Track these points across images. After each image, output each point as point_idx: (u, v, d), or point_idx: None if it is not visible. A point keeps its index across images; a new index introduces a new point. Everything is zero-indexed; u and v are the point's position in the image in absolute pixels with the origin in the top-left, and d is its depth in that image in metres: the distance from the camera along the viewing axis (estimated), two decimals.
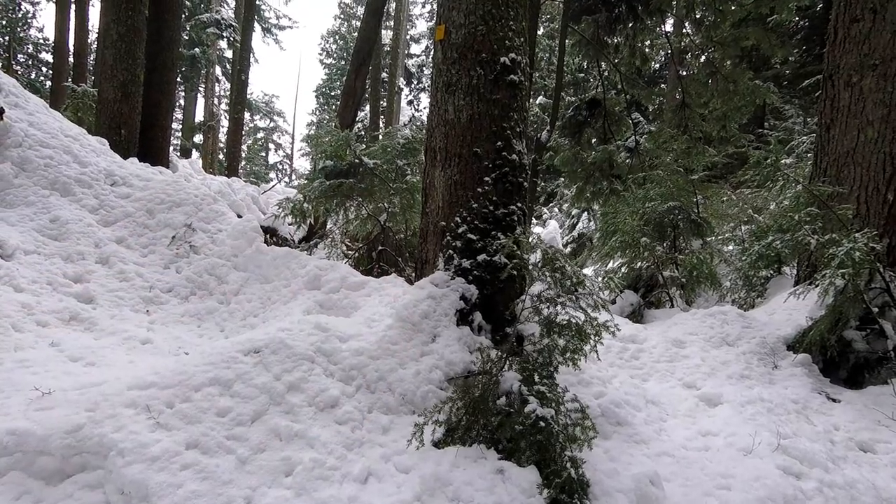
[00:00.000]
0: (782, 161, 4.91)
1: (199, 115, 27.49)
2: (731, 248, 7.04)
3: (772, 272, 5.57)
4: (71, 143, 5.72)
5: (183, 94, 26.04)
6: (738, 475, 2.53)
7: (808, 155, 7.23)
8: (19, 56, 26.66)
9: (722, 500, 2.39)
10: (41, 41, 26.95)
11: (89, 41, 18.63)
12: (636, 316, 5.70)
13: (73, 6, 17.62)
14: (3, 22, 25.73)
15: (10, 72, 19.87)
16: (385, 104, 23.70)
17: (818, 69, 8.54)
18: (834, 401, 3.33)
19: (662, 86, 16.33)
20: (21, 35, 26.35)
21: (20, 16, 26.12)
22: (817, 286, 3.50)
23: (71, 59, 18.10)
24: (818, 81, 4.95)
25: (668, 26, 11.29)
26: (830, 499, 2.40)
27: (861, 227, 3.64)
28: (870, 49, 4.20)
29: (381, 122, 21.47)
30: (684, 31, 10.98)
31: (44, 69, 26.73)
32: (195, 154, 27.12)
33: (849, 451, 2.82)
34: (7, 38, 25.42)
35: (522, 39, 3.68)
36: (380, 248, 5.92)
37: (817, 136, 4.74)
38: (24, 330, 3.50)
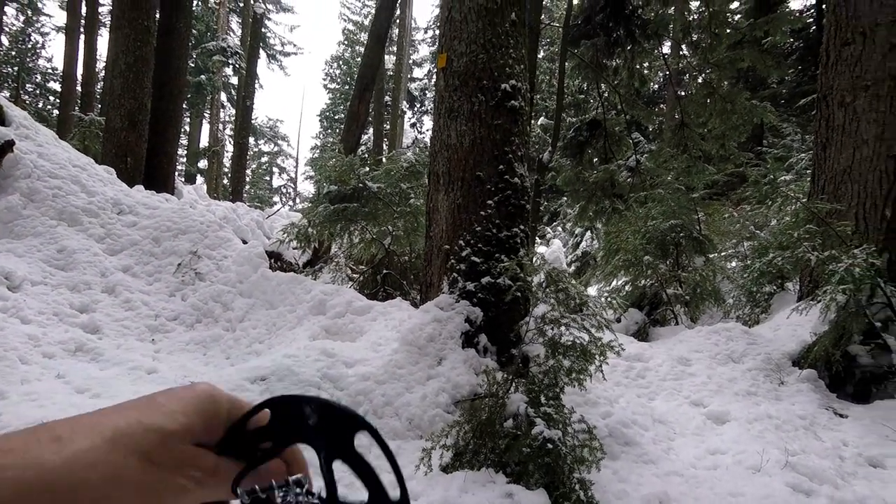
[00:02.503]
0: (781, 178, 4.97)
1: (204, 141, 27.88)
2: (733, 264, 7.06)
3: (775, 288, 5.58)
4: (79, 172, 5.83)
5: (188, 119, 26.44)
6: (747, 493, 2.52)
7: (807, 172, 7.30)
8: (28, 86, 27.19)
9: None
10: (49, 70, 27.54)
11: (97, 70, 19.03)
12: (641, 334, 5.71)
13: (81, 36, 18.04)
14: (14, 53, 26.33)
15: (20, 102, 20.24)
16: (388, 127, 24.02)
17: (814, 88, 8.66)
18: (841, 416, 3.32)
19: (661, 106, 16.54)
20: (30, 65, 26.93)
21: (29, 46, 26.74)
22: (819, 302, 3.53)
23: (79, 88, 18.45)
24: (814, 100, 5.05)
25: (666, 48, 11.50)
26: None
27: (860, 243, 3.67)
28: (861, 71, 4.30)
29: (384, 146, 21.74)
30: (681, 53, 11.18)
31: (51, 98, 27.25)
32: (200, 179, 27.42)
33: (858, 467, 2.81)
34: (17, 68, 25.99)
35: (522, 66, 3.79)
36: (384, 271, 5.97)
37: (814, 155, 4.81)
38: (30, 362, 3.52)
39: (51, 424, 0.31)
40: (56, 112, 22.20)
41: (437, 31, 4.08)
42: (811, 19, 13.20)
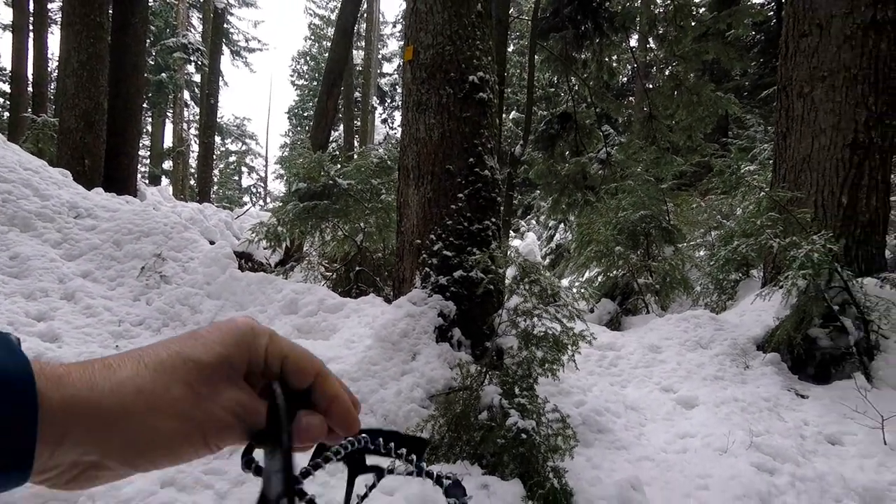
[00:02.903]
0: (745, 168, 5.11)
1: (168, 141, 27.14)
2: (701, 253, 7.24)
3: (740, 275, 5.74)
4: (31, 176, 5.58)
5: (150, 119, 25.70)
6: (715, 475, 2.59)
7: (770, 162, 7.52)
8: None
9: (700, 500, 2.45)
10: None
11: (49, 69, 18.28)
12: (614, 323, 5.80)
13: (31, 34, 17.29)
14: None
15: None
16: (359, 123, 23.79)
17: (775, 80, 8.92)
18: (803, 397, 3.44)
19: (631, 98, 16.79)
20: None
21: None
22: (781, 287, 3.64)
23: (30, 89, 17.70)
24: (775, 91, 5.18)
25: (633, 41, 11.67)
26: (802, 492, 2.48)
27: (819, 230, 3.80)
28: (818, 62, 4.43)
29: (355, 142, 21.53)
30: (648, 46, 11.37)
31: (1, 100, 26.11)
32: (165, 181, 26.70)
33: (818, 445, 2.92)
34: None
35: (490, 58, 3.78)
36: (357, 268, 5.91)
37: (775, 145, 4.95)
38: None
39: (104, 357, 0.32)
40: (6, 114, 21.26)
41: (405, 24, 4.05)
42: (772, 12, 13.57)
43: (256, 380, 0.36)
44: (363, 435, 0.41)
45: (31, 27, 17.24)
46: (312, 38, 34.82)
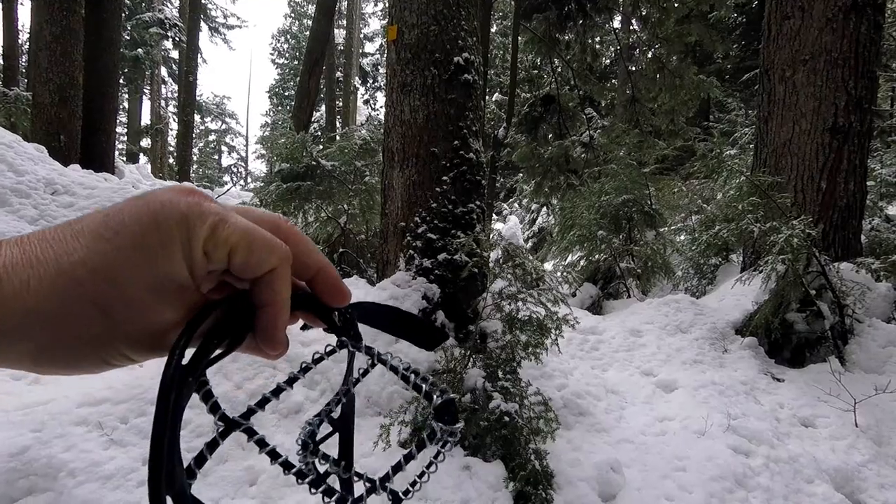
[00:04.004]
0: (726, 152, 5.15)
1: (146, 118, 26.42)
2: (682, 237, 7.31)
3: (720, 260, 5.82)
4: (5, 150, 5.41)
5: (127, 96, 24.94)
6: (692, 457, 2.64)
7: (751, 146, 7.58)
8: None
9: (678, 481, 2.50)
10: None
11: (21, 42, 17.59)
12: (596, 308, 5.86)
13: None
14: None
15: None
16: (341, 104, 23.42)
17: (757, 63, 8.95)
18: (778, 380, 3.52)
19: (613, 81, 16.76)
20: None
21: None
22: (761, 272, 3.70)
23: (0, 62, 17.04)
24: (757, 75, 5.21)
25: (617, 23, 11.61)
26: (776, 473, 2.55)
27: (798, 215, 3.85)
28: (800, 45, 4.45)
29: (337, 122, 21.21)
30: (632, 27, 11.32)
31: None
32: (143, 158, 26.05)
33: (792, 428, 2.99)
34: None
35: (475, 39, 3.72)
36: (341, 250, 5.86)
37: (756, 128, 4.98)
38: None
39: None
40: None
41: (388, 2, 3.97)
42: None
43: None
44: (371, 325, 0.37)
45: None
46: (293, 15, 34.01)
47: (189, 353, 0.29)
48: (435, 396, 0.34)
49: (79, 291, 0.26)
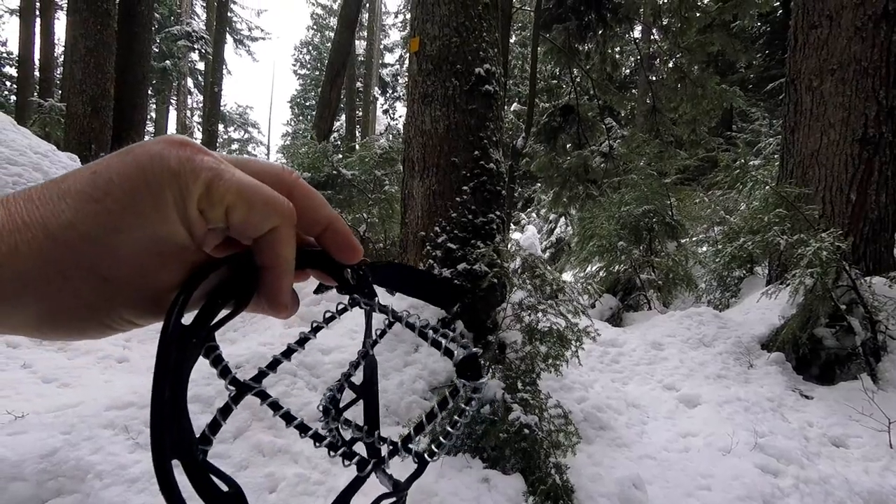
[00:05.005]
0: (750, 163, 5.06)
1: (172, 128, 27.07)
2: (705, 249, 7.19)
3: (745, 272, 5.71)
4: (41, 160, 5.57)
5: (154, 106, 25.61)
6: (717, 475, 2.57)
7: (775, 156, 7.44)
8: None
9: (703, 500, 2.43)
10: (5, 55, 26.23)
11: (56, 55, 18.23)
12: (615, 319, 5.78)
13: (38, 19, 17.23)
14: None
15: None
16: (361, 114, 23.68)
17: (781, 73, 8.80)
18: (807, 397, 3.42)
19: (633, 91, 16.67)
20: None
21: None
22: (788, 285, 3.61)
23: (37, 74, 17.66)
24: (782, 84, 5.12)
25: (637, 33, 11.56)
26: (806, 494, 2.46)
27: (827, 227, 3.76)
28: (828, 54, 4.37)
29: (357, 132, 21.44)
30: (652, 37, 11.25)
31: (8, 84, 26.00)
32: None
33: (822, 447, 2.90)
34: None
35: (496, 50, 3.73)
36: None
37: (782, 139, 4.89)
38: None
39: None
40: (14, 98, 21.20)
41: (409, 15, 4.04)
42: (778, 2, 13.40)
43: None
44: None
45: (37, 12, 17.18)
46: (315, 27, 34.60)
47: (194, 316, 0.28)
48: (456, 352, 0.32)
49: (72, 256, 0.25)
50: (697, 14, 9.10)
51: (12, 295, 0.25)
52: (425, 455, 0.32)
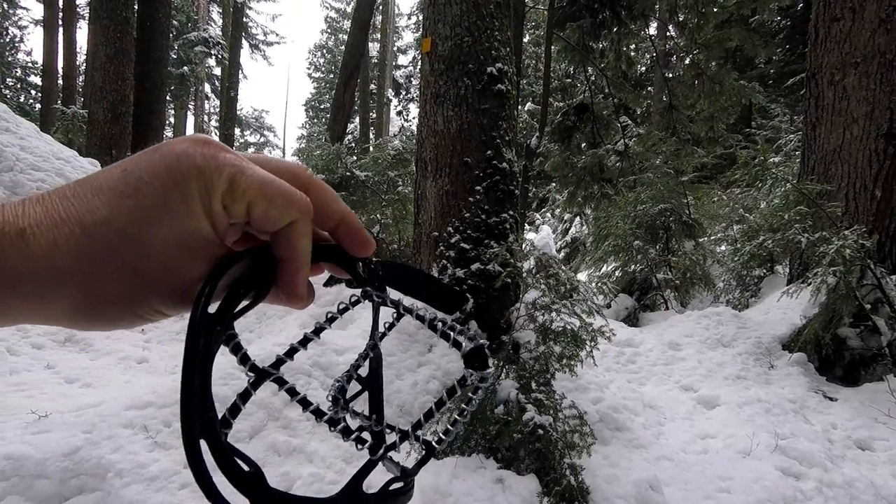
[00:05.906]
0: (770, 160, 4.95)
1: (190, 133, 27.49)
2: (723, 248, 7.07)
3: (764, 271, 5.60)
4: (63, 165, 5.71)
5: (172, 111, 26.04)
6: (737, 477, 2.52)
7: (796, 153, 7.29)
8: (8, 80, 26.59)
9: (722, 502, 2.38)
10: (30, 64, 26.92)
11: (78, 63, 18.65)
12: (631, 319, 5.71)
13: (60, 29, 17.65)
14: None
15: (0, 96, 19.82)
16: (374, 115, 23.80)
17: (802, 67, 8.63)
18: (831, 399, 3.33)
19: (649, 89, 16.47)
20: (9, 59, 26.31)
21: (7, 40, 26.11)
22: (810, 284, 3.52)
23: (60, 82, 18.09)
24: (802, 79, 5.01)
25: (653, 30, 11.43)
26: (830, 498, 2.40)
27: (850, 225, 3.66)
28: (851, 47, 4.26)
29: (370, 134, 21.55)
30: (668, 34, 11.11)
31: (33, 92, 26.67)
32: None
33: (847, 450, 2.82)
34: None
35: (508, 49, 3.72)
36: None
37: (804, 135, 4.78)
38: (19, 353, 3.48)
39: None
40: (38, 106, 21.75)
41: (422, 16, 4.05)
42: None
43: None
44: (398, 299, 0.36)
45: (60, 23, 17.61)
46: (329, 31, 34.89)
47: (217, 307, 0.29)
48: (464, 343, 0.33)
49: (107, 251, 0.26)
50: (715, 9, 8.96)
51: (50, 288, 0.26)
52: (433, 442, 0.34)
